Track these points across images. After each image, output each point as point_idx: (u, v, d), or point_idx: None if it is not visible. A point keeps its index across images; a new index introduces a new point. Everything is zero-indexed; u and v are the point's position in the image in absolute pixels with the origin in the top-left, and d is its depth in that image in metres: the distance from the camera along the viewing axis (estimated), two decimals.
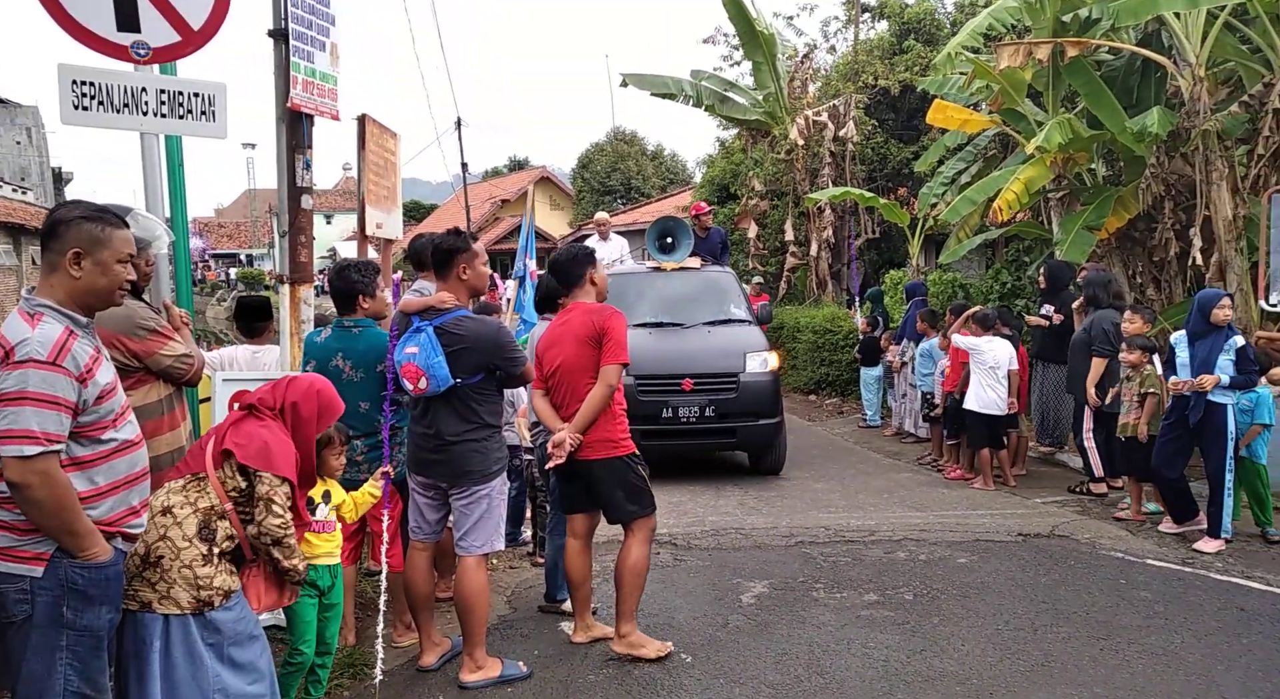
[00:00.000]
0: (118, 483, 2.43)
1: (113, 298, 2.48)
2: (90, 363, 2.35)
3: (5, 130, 23.99)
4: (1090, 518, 6.43)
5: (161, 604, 2.60)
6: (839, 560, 5.47)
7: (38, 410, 2.22)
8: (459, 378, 3.64)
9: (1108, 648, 4.08)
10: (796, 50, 16.80)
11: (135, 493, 2.49)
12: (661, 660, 3.97)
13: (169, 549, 2.62)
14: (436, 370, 3.59)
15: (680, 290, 8.57)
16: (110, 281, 2.44)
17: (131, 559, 2.61)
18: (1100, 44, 8.97)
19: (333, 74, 4.72)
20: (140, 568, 2.61)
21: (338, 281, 4.02)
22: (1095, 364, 6.69)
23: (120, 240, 2.46)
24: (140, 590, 2.60)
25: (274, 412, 2.86)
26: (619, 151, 34.88)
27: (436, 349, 3.60)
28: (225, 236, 57.97)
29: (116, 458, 2.42)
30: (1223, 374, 5.48)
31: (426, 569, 3.94)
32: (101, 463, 2.39)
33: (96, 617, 2.38)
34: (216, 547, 2.67)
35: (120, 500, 2.44)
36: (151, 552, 2.61)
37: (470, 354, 3.67)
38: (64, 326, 2.34)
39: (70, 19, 3.69)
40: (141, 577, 2.61)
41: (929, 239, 13.39)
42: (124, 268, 2.47)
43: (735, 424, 7.60)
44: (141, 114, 3.86)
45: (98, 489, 2.38)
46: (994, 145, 11.58)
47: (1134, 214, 8.90)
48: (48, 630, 2.33)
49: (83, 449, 2.35)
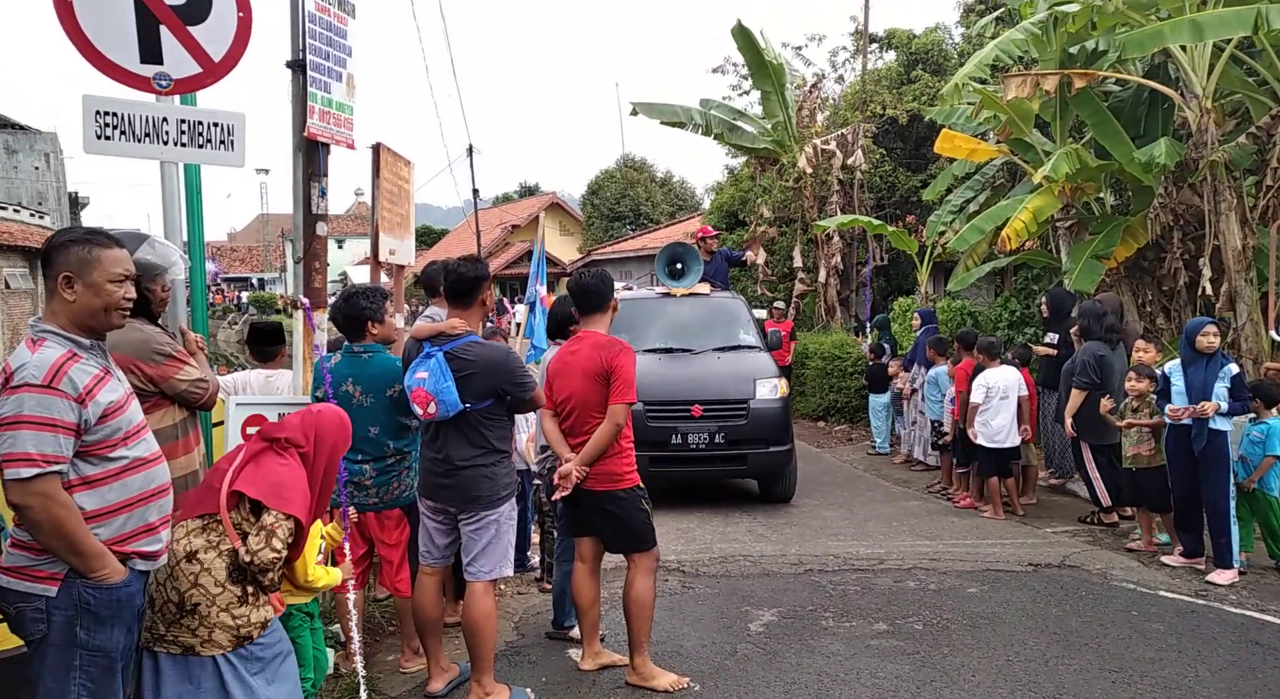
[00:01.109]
0: (131, 500, 2.44)
1: (110, 318, 2.48)
2: (92, 383, 2.37)
3: (24, 156, 24.35)
4: (1101, 548, 6.38)
5: (204, 647, 2.61)
6: (848, 589, 5.44)
7: (35, 433, 2.26)
8: (468, 403, 3.67)
9: (1120, 680, 4.04)
10: (805, 80, 16.97)
11: (153, 509, 2.50)
12: (673, 693, 3.95)
13: (204, 596, 2.61)
14: (445, 395, 3.62)
15: (690, 316, 8.54)
16: (105, 301, 2.44)
17: (167, 607, 2.61)
18: (1107, 75, 9.05)
19: (349, 104, 4.80)
20: (177, 615, 2.61)
21: (345, 308, 4.04)
22: (1074, 396, 6.74)
23: (110, 260, 2.45)
24: (180, 636, 2.61)
25: (299, 449, 2.84)
26: (628, 178, 35.13)
27: (446, 374, 3.63)
28: (238, 260, 58.46)
29: (129, 475, 2.44)
30: (1220, 402, 5.48)
31: (435, 594, 3.94)
32: (112, 480, 2.41)
33: (109, 637, 2.39)
34: (249, 585, 2.68)
35: (136, 517, 2.45)
36: (186, 599, 2.60)
37: (479, 379, 3.70)
38: (65, 350, 2.37)
39: (95, 51, 3.77)
40: (179, 624, 2.61)
41: (937, 266, 13.42)
42: (118, 287, 2.46)
43: (745, 451, 7.54)
44: (162, 143, 3.94)
45: (110, 506, 2.40)
46: (1002, 174, 11.65)
47: (1143, 243, 8.92)
48: (62, 650, 2.35)
49: (92, 468, 2.38)
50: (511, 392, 3.80)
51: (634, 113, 15.20)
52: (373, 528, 4.05)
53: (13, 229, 19.10)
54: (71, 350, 2.39)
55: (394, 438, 4.02)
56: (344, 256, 46.47)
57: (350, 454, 3.97)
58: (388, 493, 4.02)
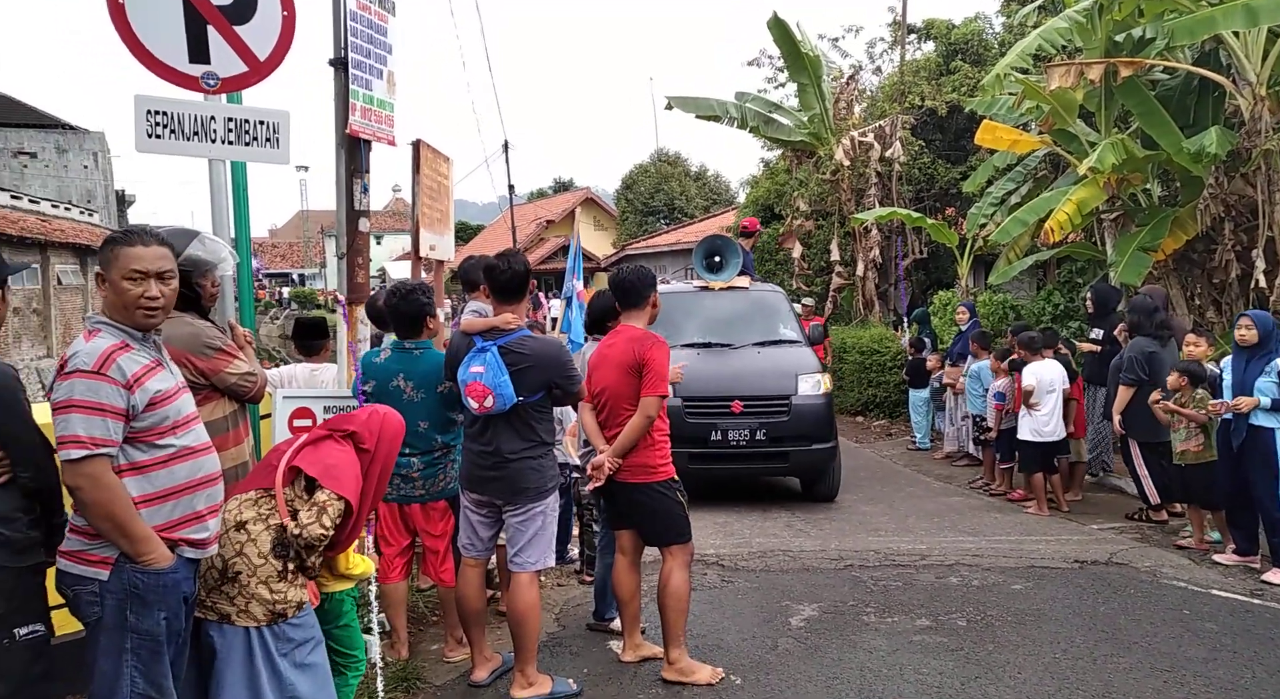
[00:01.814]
0: (179, 487, 2.50)
1: (133, 316, 2.48)
2: (141, 372, 2.43)
3: (74, 155, 24.96)
4: (1150, 545, 6.25)
5: (240, 617, 2.69)
6: (890, 585, 5.39)
7: (85, 417, 2.32)
8: (521, 396, 3.70)
9: (1172, 680, 3.96)
10: (841, 72, 16.79)
11: (200, 497, 2.56)
12: (714, 686, 3.95)
13: (246, 566, 2.69)
14: (503, 389, 3.65)
15: (729, 310, 8.41)
16: (122, 298, 2.47)
17: (210, 573, 2.69)
18: (1155, 64, 8.82)
19: (390, 101, 4.85)
20: (219, 582, 2.69)
21: (405, 306, 4.08)
22: (1121, 392, 6.62)
23: (126, 257, 2.47)
24: (219, 603, 2.69)
25: (360, 446, 2.90)
26: (662, 172, 35.08)
27: (502, 369, 3.67)
28: (279, 256, 59.41)
29: (176, 464, 2.50)
30: (1262, 396, 5.35)
31: (478, 585, 3.98)
32: (160, 468, 2.47)
33: (155, 621, 2.45)
34: (290, 562, 2.74)
35: (183, 504, 2.51)
36: (229, 567, 2.69)
37: (534, 373, 3.73)
38: (118, 340, 2.44)
39: (146, 52, 3.85)
40: (220, 590, 2.69)
41: (978, 260, 13.22)
42: (133, 285, 2.47)
43: (788, 448, 7.37)
44: (210, 141, 4.01)
45: (157, 492, 2.46)
46: (1044, 166, 11.44)
47: (1192, 235, 8.70)
48: (114, 633, 2.42)
49: (141, 454, 2.44)
50: (562, 384, 3.83)
51: (669, 107, 15.17)
52: (418, 519, 4.10)
53: (64, 227, 19.61)
54: (124, 341, 2.46)
55: (442, 432, 4.07)
56: (382, 253, 47.03)
57: None
58: (434, 485, 4.07)
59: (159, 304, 2.51)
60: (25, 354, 15.60)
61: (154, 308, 2.50)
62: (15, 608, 2.42)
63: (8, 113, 24.61)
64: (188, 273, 3.16)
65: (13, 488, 2.46)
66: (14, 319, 16.90)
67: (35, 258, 17.38)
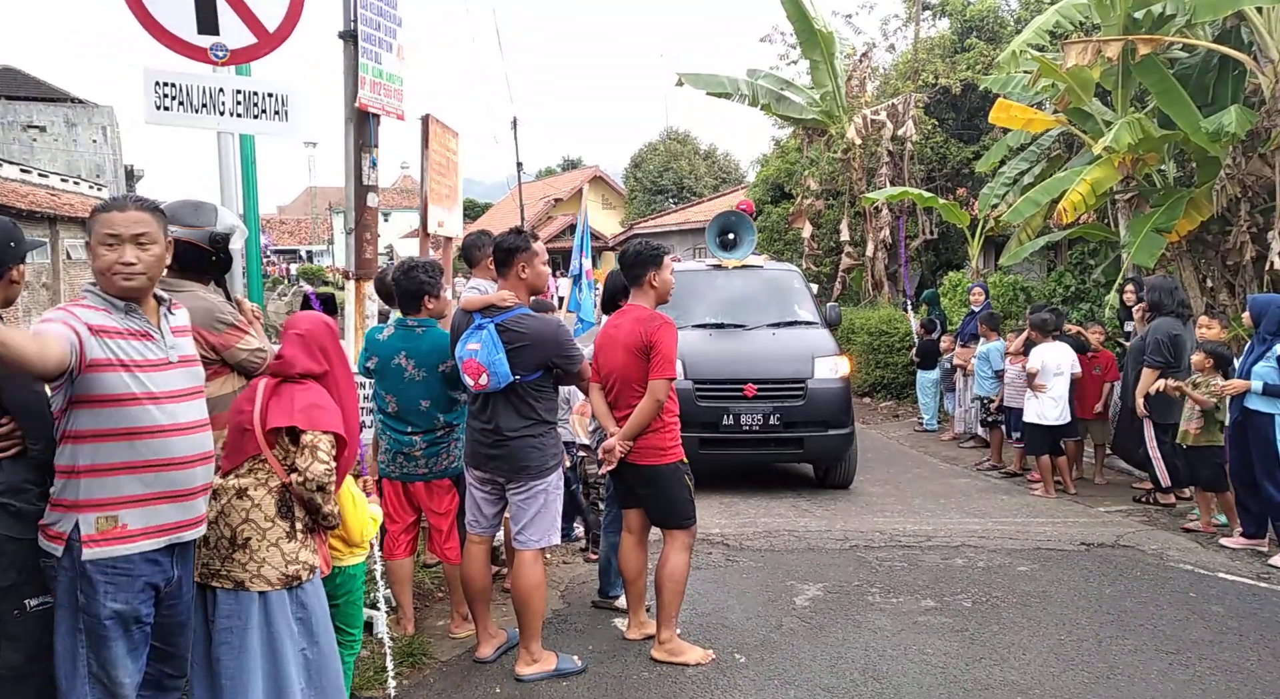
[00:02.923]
0: (129, 465, 2.39)
1: (112, 281, 2.42)
2: (107, 328, 2.38)
3: (83, 129, 24.93)
4: (1157, 528, 6.24)
5: (254, 582, 2.71)
6: (895, 565, 5.39)
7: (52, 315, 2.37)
8: (519, 374, 3.69)
9: (1177, 662, 3.96)
10: (855, 49, 16.60)
11: (165, 478, 2.45)
12: (713, 662, 3.96)
13: (255, 531, 2.72)
14: (498, 367, 3.64)
15: (742, 290, 8.12)
16: (98, 264, 2.42)
17: (220, 543, 2.70)
18: (1174, 41, 8.69)
19: (399, 75, 4.81)
20: (230, 550, 2.71)
21: (405, 282, 4.08)
22: (1145, 375, 6.44)
23: (103, 222, 2.42)
24: (233, 571, 2.71)
25: (317, 376, 2.86)
26: (671, 151, 34.86)
27: (498, 346, 3.65)
28: (286, 233, 59.37)
29: (137, 439, 2.40)
30: (1256, 379, 5.34)
31: (483, 562, 4.00)
32: (90, 442, 2.37)
33: (100, 606, 2.38)
34: (298, 522, 2.77)
35: (111, 485, 2.39)
36: (238, 534, 2.71)
37: (530, 351, 3.71)
38: (99, 306, 2.42)
39: (155, 22, 3.83)
40: (232, 558, 2.71)
41: (989, 241, 13.13)
42: (108, 250, 2.41)
43: (802, 434, 7.10)
44: (219, 114, 3.99)
45: (107, 465, 2.38)
46: (1058, 145, 11.32)
47: (1206, 216, 8.61)
48: (65, 612, 2.40)
49: (79, 424, 2.37)
50: (560, 364, 3.82)
51: (679, 84, 15.03)
52: (422, 497, 4.12)
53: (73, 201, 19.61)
54: (105, 309, 2.43)
55: (444, 411, 4.06)
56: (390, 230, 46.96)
57: (399, 426, 4.03)
58: (436, 464, 4.07)
59: (135, 270, 2.43)
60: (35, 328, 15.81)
61: (129, 274, 2.42)
62: (26, 579, 2.43)
63: (16, 86, 24.58)
64: (227, 238, 3.15)
65: (24, 460, 2.47)
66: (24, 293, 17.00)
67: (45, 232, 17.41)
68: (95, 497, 2.38)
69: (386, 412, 4.07)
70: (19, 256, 2.57)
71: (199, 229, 3.11)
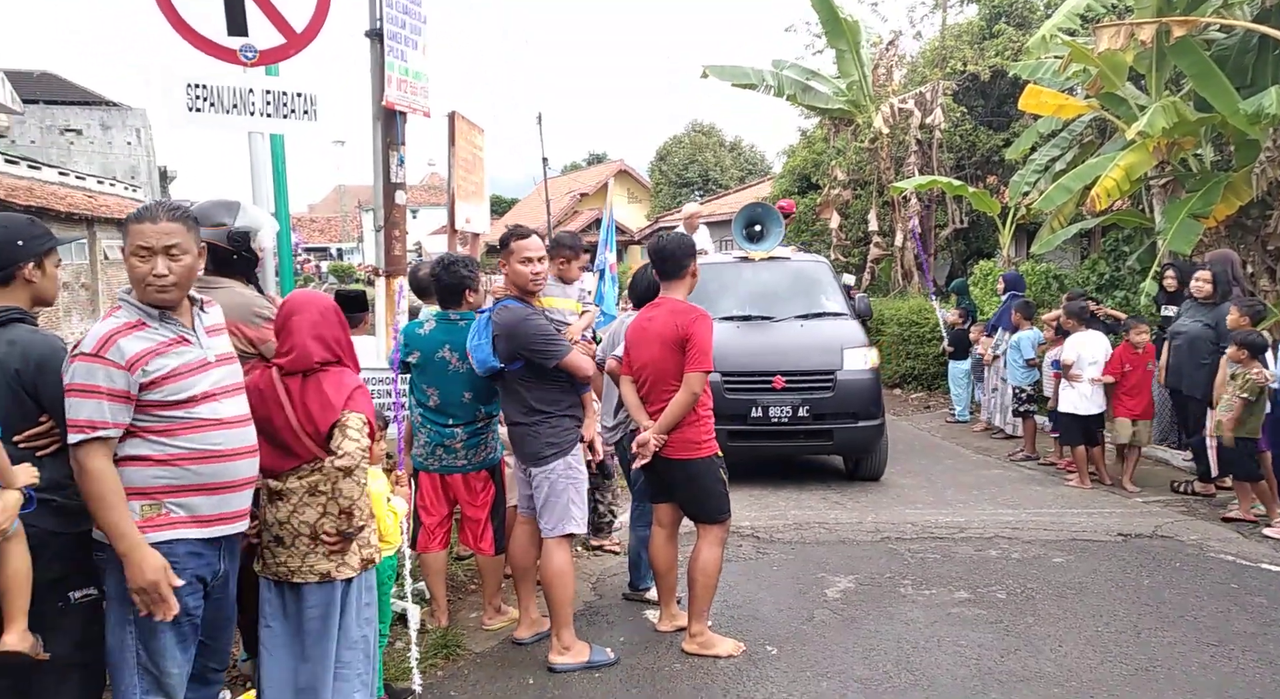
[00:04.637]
0: (183, 456, 2.45)
1: (144, 292, 2.44)
2: (144, 352, 2.40)
3: (118, 132, 25.35)
4: (1196, 518, 6.14)
5: (340, 571, 2.79)
6: (927, 557, 5.35)
7: (79, 401, 2.33)
8: (502, 364, 3.82)
9: (1219, 654, 3.89)
10: (881, 37, 16.42)
11: (210, 470, 2.49)
12: (745, 654, 3.96)
13: (331, 522, 2.76)
14: (476, 353, 3.84)
15: (770, 281, 8.11)
16: (133, 275, 2.44)
17: (299, 540, 2.76)
18: (1211, 21, 8.49)
19: (424, 73, 4.84)
20: (311, 546, 2.76)
21: (447, 277, 4.12)
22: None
23: (134, 234, 2.43)
24: (316, 564, 2.77)
25: (335, 363, 2.85)
26: (697, 143, 34.72)
27: (483, 334, 3.82)
28: (317, 231, 60.07)
29: (184, 433, 2.45)
30: None
31: (525, 544, 4.08)
32: (164, 435, 2.43)
33: None
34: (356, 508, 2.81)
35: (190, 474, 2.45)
36: (316, 529, 2.75)
37: (501, 342, 3.82)
38: (132, 319, 2.44)
39: (185, 24, 3.89)
40: (315, 552, 2.76)
41: (1020, 229, 12.94)
42: (140, 262, 2.43)
43: (832, 426, 7.07)
44: (249, 114, 4.05)
45: (159, 456, 2.43)
46: (1091, 131, 11.12)
47: (1246, 201, 8.41)
48: (115, 604, 2.45)
49: (147, 421, 2.42)
50: (530, 357, 3.79)
51: (704, 76, 14.96)
52: (459, 490, 4.14)
53: (109, 203, 19.97)
54: (139, 320, 2.44)
55: (485, 403, 4.11)
56: (419, 227, 47.30)
57: (440, 419, 4.07)
58: (475, 455, 4.11)
59: (167, 281, 2.44)
60: (75, 328, 16.03)
61: (162, 286, 2.44)
62: (70, 571, 2.49)
63: (54, 91, 25.05)
64: (247, 236, 3.20)
65: (63, 456, 2.53)
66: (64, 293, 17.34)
67: (83, 233, 17.75)
68: (138, 485, 2.42)
69: (427, 405, 4.10)
70: (31, 254, 2.55)
71: (218, 228, 3.16)
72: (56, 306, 18.06)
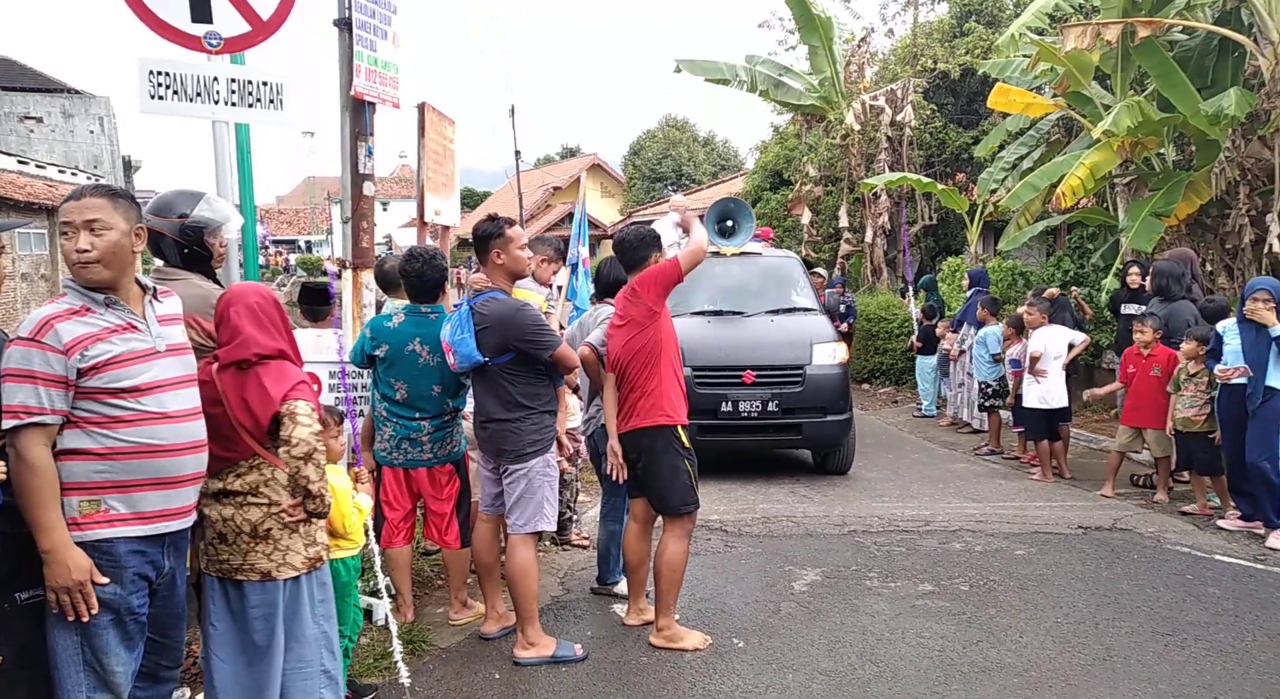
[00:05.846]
0: (126, 450, 2.39)
1: (75, 271, 2.41)
2: (85, 337, 2.33)
3: (80, 120, 24.84)
4: (1155, 511, 6.26)
5: (280, 571, 2.72)
6: (893, 550, 5.42)
7: (14, 385, 2.28)
8: (487, 357, 3.74)
9: (1173, 644, 3.98)
10: (853, 34, 16.54)
11: (153, 465, 2.43)
12: (711, 648, 3.99)
13: (275, 521, 2.71)
14: (460, 347, 3.73)
15: (741, 277, 8.15)
16: (64, 255, 2.43)
17: (240, 538, 2.69)
18: (1174, 23, 8.66)
19: (394, 63, 4.79)
20: (251, 544, 2.70)
21: (430, 271, 4.06)
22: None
23: (60, 213, 2.43)
24: (256, 563, 2.70)
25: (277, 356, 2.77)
26: (670, 138, 34.76)
27: (465, 327, 3.72)
28: (285, 223, 59.30)
29: (126, 427, 2.38)
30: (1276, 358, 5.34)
31: (488, 540, 4.06)
32: (106, 427, 2.36)
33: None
34: (309, 501, 2.75)
35: (131, 469, 2.39)
36: (258, 528, 2.69)
37: (490, 334, 3.74)
38: (76, 304, 2.39)
39: (148, 10, 3.81)
40: (255, 551, 2.70)
41: (988, 226, 13.11)
42: (65, 239, 2.42)
43: (801, 420, 7.15)
44: (214, 103, 3.97)
45: (100, 449, 2.36)
46: (1057, 130, 11.29)
47: (1205, 200, 8.61)
48: None
49: (90, 411, 2.36)
50: (524, 348, 3.77)
51: (677, 70, 14.97)
52: (424, 484, 4.12)
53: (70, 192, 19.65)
54: (84, 305, 2.39)
55: (453, 396, 4.09)
56: (389, 219, 46.87)
57: (407, 412, 4.03)
58: (441, 449, 4.08)
59: (89, 256, 2.37)
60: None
61: (84, 260, 2.37)
62: (16, 571, 2.41)
63: (13, 77, 24.48)
64: (200, 230, 3.16)
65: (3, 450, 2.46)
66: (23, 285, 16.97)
67: (43, 223, 17.38)
68: (78, 479, 2.36)
69: (394, 399, 4.05)
70: None
71: (170, 220, 3.10)
72: (14, 299, 17.66)
